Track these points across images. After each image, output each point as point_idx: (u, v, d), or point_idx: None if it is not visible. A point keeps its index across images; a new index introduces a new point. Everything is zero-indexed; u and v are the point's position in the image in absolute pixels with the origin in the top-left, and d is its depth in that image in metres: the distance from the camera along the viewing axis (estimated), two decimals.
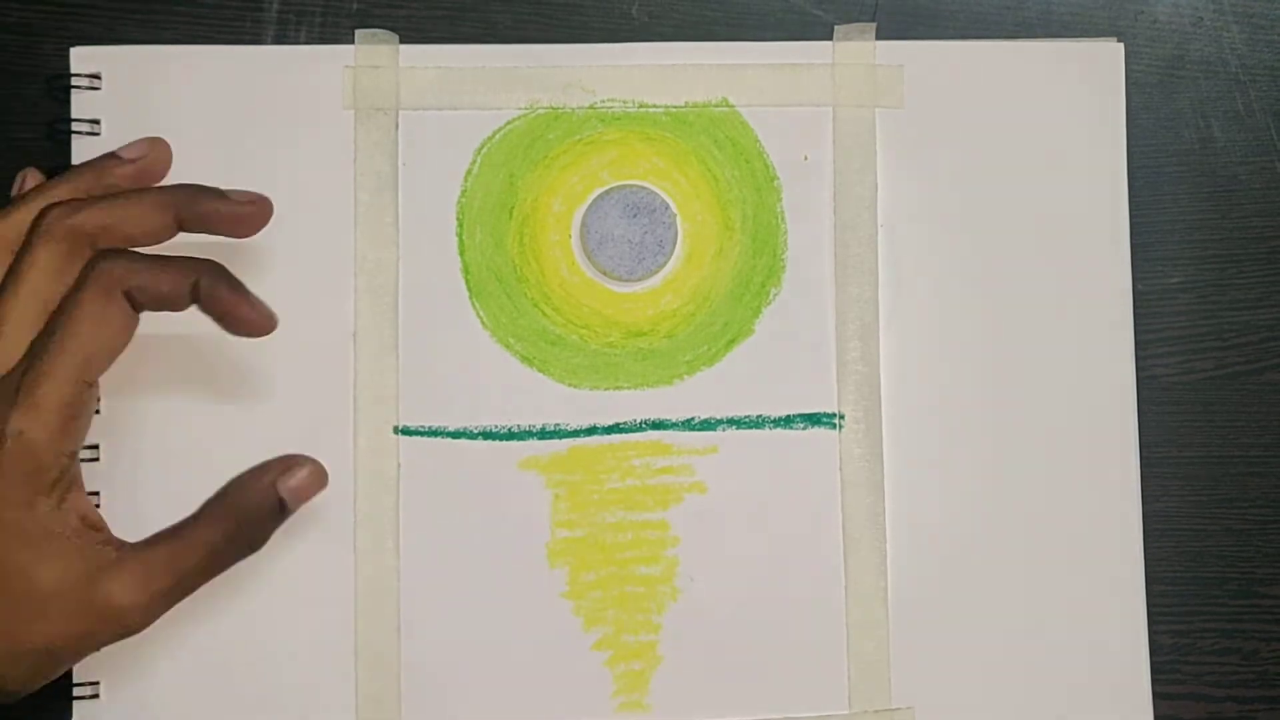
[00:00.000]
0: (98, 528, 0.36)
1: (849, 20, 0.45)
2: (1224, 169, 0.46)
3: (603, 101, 0.44)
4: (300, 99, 0.43)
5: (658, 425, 0.43)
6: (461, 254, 0.43)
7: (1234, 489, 0.46)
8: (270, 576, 0.42)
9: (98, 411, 0.42)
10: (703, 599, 0.43)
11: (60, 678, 0.41)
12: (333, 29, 0.44)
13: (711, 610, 0.43)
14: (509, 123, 0.43)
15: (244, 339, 0.37)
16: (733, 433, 0.43)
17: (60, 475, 0.35)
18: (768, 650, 0.43)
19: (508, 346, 0.43)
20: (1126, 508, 0.44)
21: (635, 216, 0.43)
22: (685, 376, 0.43)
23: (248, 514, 0.36)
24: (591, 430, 0.43)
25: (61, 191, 0.37)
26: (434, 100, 0.43)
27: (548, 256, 0.43)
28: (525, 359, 0.43)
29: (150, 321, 0.42)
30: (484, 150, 0.43)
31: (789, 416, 0.43)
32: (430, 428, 0.43)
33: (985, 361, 0.44)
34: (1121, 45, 0.45)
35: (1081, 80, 0.45)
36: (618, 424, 0.43)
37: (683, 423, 0.43)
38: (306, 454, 0.41)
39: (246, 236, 0.38)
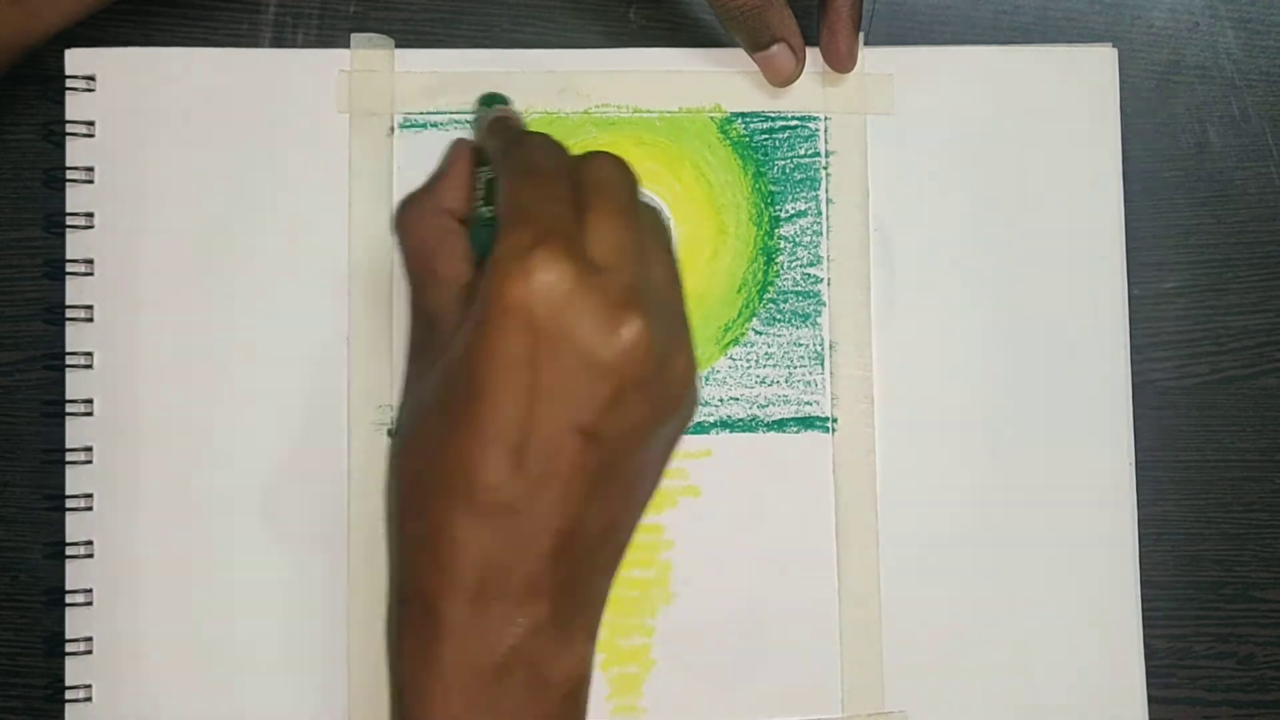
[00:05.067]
0: None
1: None
2: (1220, 174, 0.46)
3: (597, 106, 0.44)
4: (295, 102, 0.43)
5: None
6: None
7: (1229, 493, 0.46)
8: (262, 578, 0.42)
9: (90, 414, 0.42)
10: (696, 603, 0.43)
11: (52, 681, 0.41)
12: (330, 32, 0.44)
13: (705, 614, 0.43)
14: None
15: (239, 340, 0.37)
16: (726, 436, 0.43)
17: None
18: (761, 654, 0.43)
19: None
20: (1121, 512, 0.44)
21: None
22: None
23: None
24: None
25: None
26: (429, 104, 0.43)
27: None
28: None
29: (146, 323, 0.42)
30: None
31: (782, 420, 0.43)
32: None
33: (979, 365, 0.44)
34: (1114, 50, 0.45)
35: (1074, 85, 0.44)
36: None
37: None
38: (298, 455, 0.42)
39: None
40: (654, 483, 0.38)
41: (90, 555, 0.41)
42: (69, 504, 0.41)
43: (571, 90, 0.43)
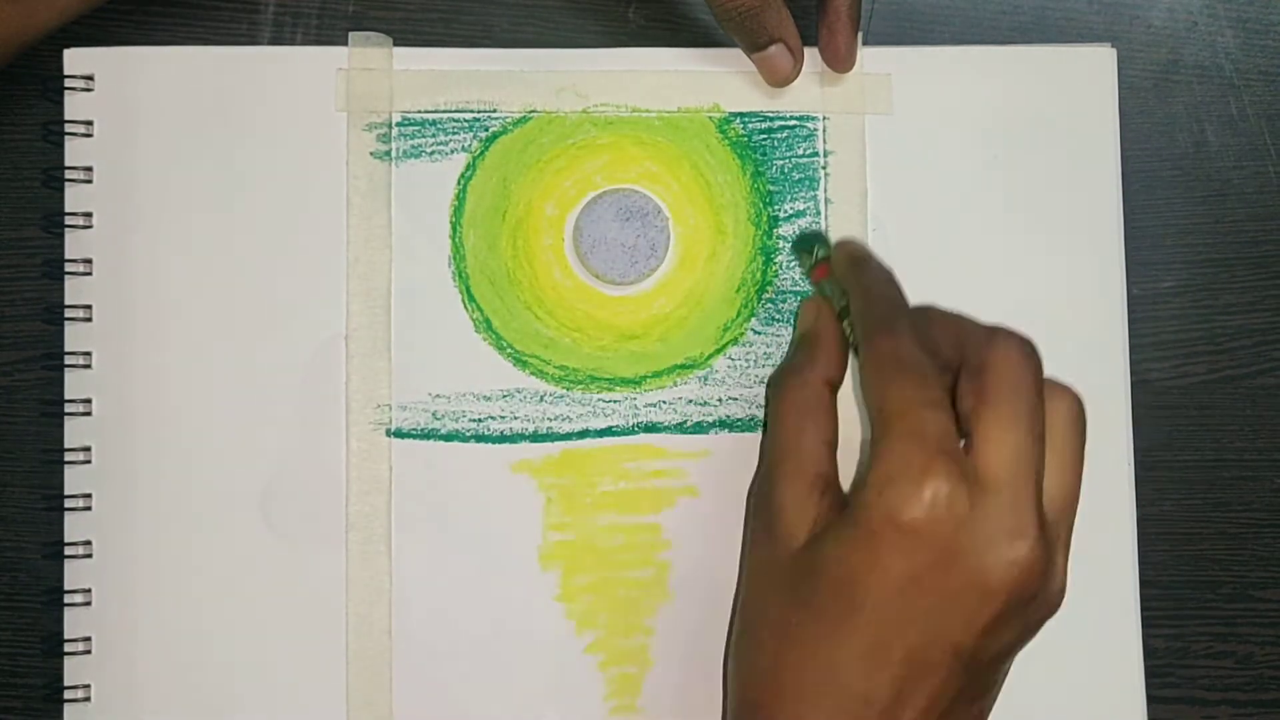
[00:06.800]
0: None
1: None
2: (1218, 173, 0.46)
3: (596, 106, 0.44)
4: (294, 101, 0.43)
5: (650, 428, 0.43)
6: (454, 257, 0.43)
7: (1228, 493, 0.46)
8: (262, 579, 0.42)
9: (89, 414, 0.42)
10: (695, 602, 0.43)
11: (51, 681, 0.41)
12: (329, 31, 0.44)
13: (703, 614, 0.43)
14: (503, 126, 0.43)
15: (238, 340, 0.36)
16: (725, 436, 0.43)
17: None
18: None
19: (500, 349, 0.43)
20: (1120, 511, 0.44)
21: (628, 220, 0.43)
22: (678, 380, 0.43)
23: None
24: (584, 433, 0.43)
25: None
26: (427, 103, 0.43)
27: (540, 260, 0.43)
28: (518, 362, 0.43)
29: (144, 323, 0.42)
30: (477, 154, 0.43)
31: None
32: (422, 430, 0.43)
33: None
34: (1113, 50, 0.45)
35: (1073, 85, 0.44)
36: (610, 427, 0.43)
37: (675, 426, 0.43)
38: (297, 455, 0.41)
39: None
40: (1001, 686, 0.36)
41: (89, 555, 0.41)
42: (68, 504, 0.42)
43: (570, 90, 0.44)
